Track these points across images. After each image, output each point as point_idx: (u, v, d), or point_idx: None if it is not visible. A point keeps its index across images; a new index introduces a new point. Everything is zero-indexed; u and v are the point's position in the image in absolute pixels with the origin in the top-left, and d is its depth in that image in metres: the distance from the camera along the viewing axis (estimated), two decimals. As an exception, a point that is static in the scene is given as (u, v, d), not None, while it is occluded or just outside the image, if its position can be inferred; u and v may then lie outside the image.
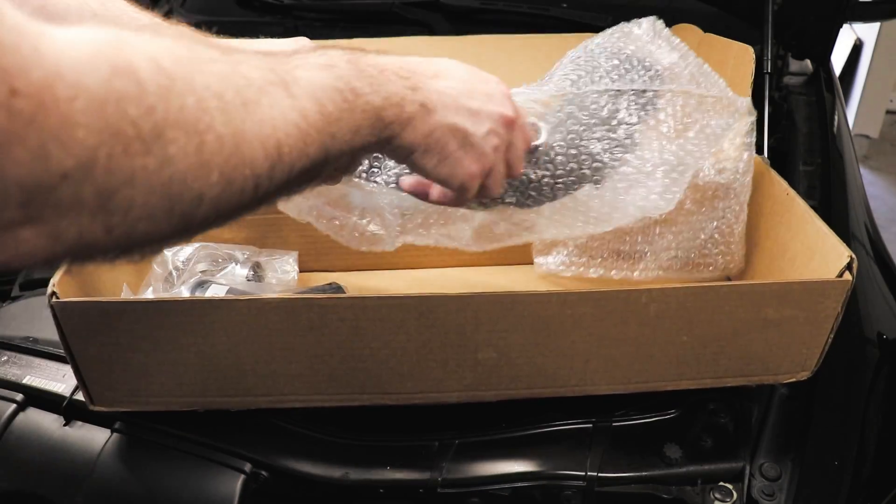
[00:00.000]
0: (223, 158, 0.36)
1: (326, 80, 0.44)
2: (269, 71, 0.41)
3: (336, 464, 0.67)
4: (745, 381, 0.70)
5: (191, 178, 0.35)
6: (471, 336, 0.63)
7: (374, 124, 0.48)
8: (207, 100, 0.36)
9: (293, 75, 0.42)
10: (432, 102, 0.51)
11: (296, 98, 0.41)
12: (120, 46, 0.33)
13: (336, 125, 0.44)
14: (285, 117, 0.40)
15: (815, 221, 0.74)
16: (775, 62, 1.17)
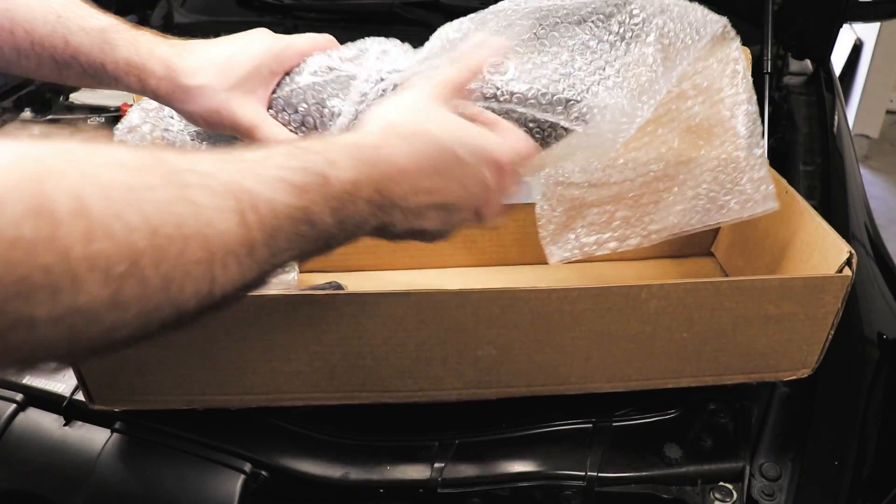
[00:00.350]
0: (144, 300, 0.34)
1: (290, 210, 0.40)
2: (226, 191, 0.37)
3: (336, 464, 0.67)
4: (746, 378, 0.70)
5: (102, 319, 0.33)
6: (471, 333, 0.63)
7: (323, 246, 0.44)
8: (136, 240, 0.32)
9: (254, 195, 0.38)
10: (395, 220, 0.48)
11: (248, 229, 0.38)
12: (41, 179, 0.30)
13: (283, 255, 0.41)
14: (227, 250, 0.37)
15: (815, 218, 0.74)
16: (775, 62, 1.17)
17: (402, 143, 0.47)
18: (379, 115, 0.50)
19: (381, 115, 0.50)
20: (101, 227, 0.31)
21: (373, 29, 1.30)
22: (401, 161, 0.47)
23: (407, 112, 0.50)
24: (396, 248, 0.96)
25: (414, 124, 0.49)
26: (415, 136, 0.48)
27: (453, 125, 0.51)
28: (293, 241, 0.41)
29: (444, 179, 0.49)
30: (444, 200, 0.50)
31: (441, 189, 0.49)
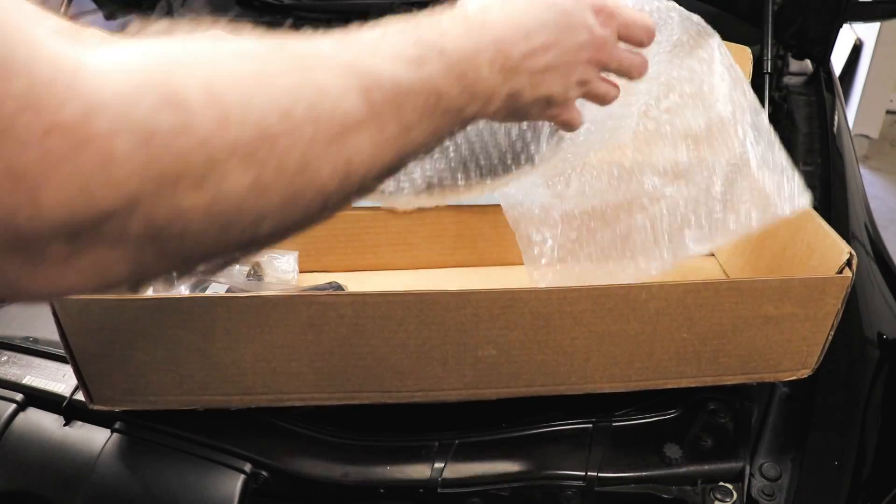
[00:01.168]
0: (286, 184, 0.34)
1: (412, 82, 0.40)
2: (348, 71, 0.37)
3: (336, 464, 0.67)
4: (746, 378, 0.70)
5: (248, 207, 0.33)
6: (471, 333, 0.63)
7: (455, 120, 0.44)
8: (271, 125, 0.33)
9: (375, 74, 0.38)
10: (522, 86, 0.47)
11: (374, 105, 0.38)
12: (169, 72, 0.31)
13: (415, 131, 0.41)
14: (357, 127, 0.37)
15: (815, 219, 0.74)
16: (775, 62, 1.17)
17: (504, 5, 0.47)
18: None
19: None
20: (235, 113, 0.32)
21: (373, 29, 1.30)
22: (510, 21, 0.46)
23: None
24: (397, 248, 0.96)
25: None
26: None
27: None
28: (422, 116, 0.41)
29: (554, 32, 0.48)
30: (559, 55, 0.48)
31: (554, 43, 0.48)
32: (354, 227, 0.94)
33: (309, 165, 0.35)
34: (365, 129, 0.37)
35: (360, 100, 0.37)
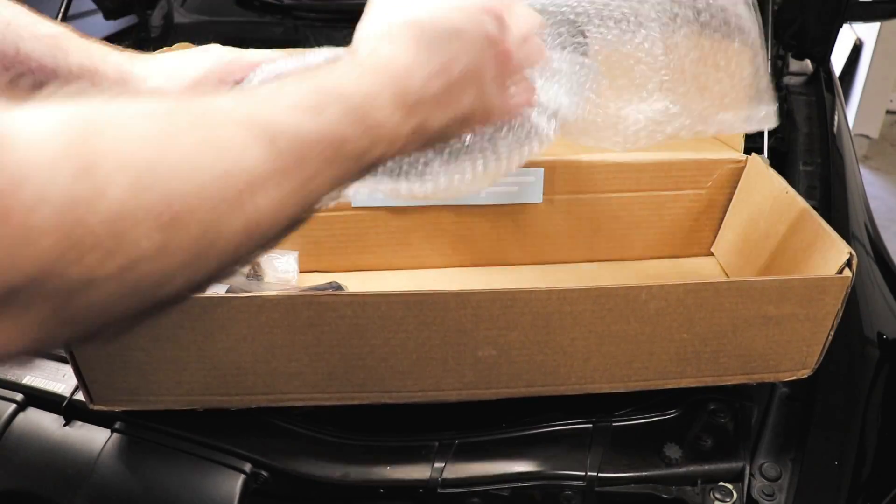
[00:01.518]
0: (194, 245, 0.34)
1: (312, 131, 0.40)
2: (249, 125, 0.37)
3: (336, 464, 0.67)
4: (746, 378, 0.70)
5: (157, 270, 0.33)
6: (470, 334, 0.63)
7: (360, 165, 0.43)
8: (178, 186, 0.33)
9: (276, 126, 0.38)
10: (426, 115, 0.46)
11: (276, 158, 0.37)
12: (85, 139, 0.31)
13: (318, 180, 0.40)
14: (260, 183, 0.37)
15: (815, 219, 0.74)
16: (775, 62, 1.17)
17: (393, 41, 0.46)
18: (357, 34, 0.49)
19: (359, 33, 0.48)
20: (145, 178, 0.32)
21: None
22: (403, 54, 0.45)
23: (381, 16, 0.48)
24: (397, 248, 0.96)
25: (393, 20, 0.47)
26: (399, 28, 0.47)
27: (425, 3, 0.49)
28: (325, 164, 0.40)
29: (450, 49, 0.47)
30: (461, 71, 0.47)
31: (452, 59, 0.47)
32: (354, 227, 0.94)
33: (216, 224, 0.35)
34: (269, 183, 0.37)
35: (262, 154, 0.37)
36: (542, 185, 0.93)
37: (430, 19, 0.47)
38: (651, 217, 0.97)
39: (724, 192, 0.96)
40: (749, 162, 0.93)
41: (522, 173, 0.92)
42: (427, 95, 0.46)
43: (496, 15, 0.49)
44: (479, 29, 0.48)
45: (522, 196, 0.93)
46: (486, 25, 0.48)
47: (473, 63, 0.48)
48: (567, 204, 0.95)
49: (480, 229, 0.96)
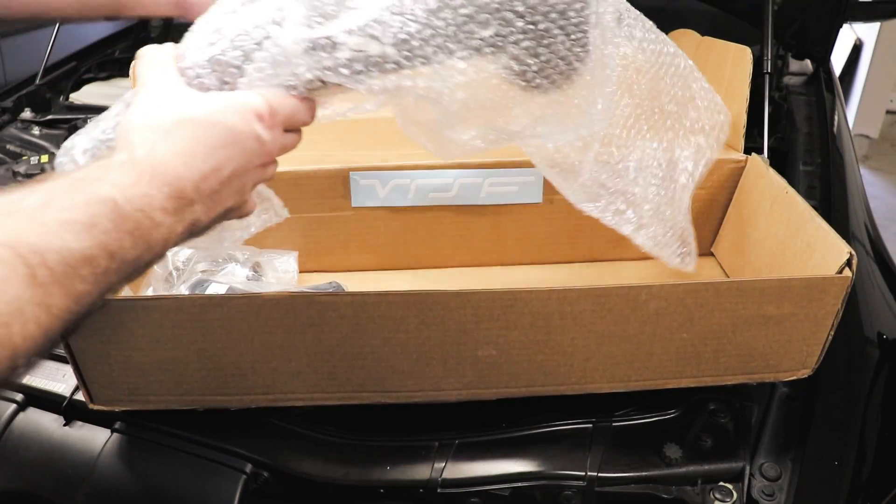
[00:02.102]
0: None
1: (83, 250, 0.39)
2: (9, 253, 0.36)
3: (336, 464, 0.67)
4: (746, 378, 0.70)
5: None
6: (471, 333, 0.63)
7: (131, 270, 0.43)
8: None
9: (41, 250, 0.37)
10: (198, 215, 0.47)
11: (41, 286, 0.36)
12: None
13: (87, 296, 0.40)
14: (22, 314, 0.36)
15: (815, 219, 0.74)
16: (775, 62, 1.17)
17: (169, 139, 0.46)
18: (133, 123, 0.48)
19: (136, 122, 0.48)
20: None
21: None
22: (179, 156, 0.46)
23: (154, 108, 0.48)
24: (397, 248, 0.96)
25: (169, 115, 0.48)
26: (176, 126, 0.47)
27: (202, 100, 0.50)
28: (95, 279, 0.40)
29: (221, 151, 0.48)
30: (231, 171, 0.49)
31: (225, 162, 0.48)
32: (354, 227, 0.94)
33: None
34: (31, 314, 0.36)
35: (23, 284, 0.36)
36: (542, 185, 0.93)
37: (207, 120, 0.48)
38: (651, 217, 0.97)
39: (724, 192, 0.96)
40: (749, 162, 0.93)
41: (522, 173, 0.92)
42: (200, 197, 0.47)
43: (266, 117, 0.50)
44: (251, 131, 0.49)
45: (522, 196, 0.93)
46: (257, 128, 0.50)
47: (242, 164, 0.49)
48: (567, 204, 0.95)
49: (480, 229, 0.96)
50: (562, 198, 0.94)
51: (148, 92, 0.50)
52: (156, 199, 0.44)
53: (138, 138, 0.46)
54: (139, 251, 0.43)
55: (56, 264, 0.37)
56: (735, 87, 0.95)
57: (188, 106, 0.49)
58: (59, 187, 0.41)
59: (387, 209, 0.93)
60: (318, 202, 0.92)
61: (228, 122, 0.49)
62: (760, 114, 1.02)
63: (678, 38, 1.16)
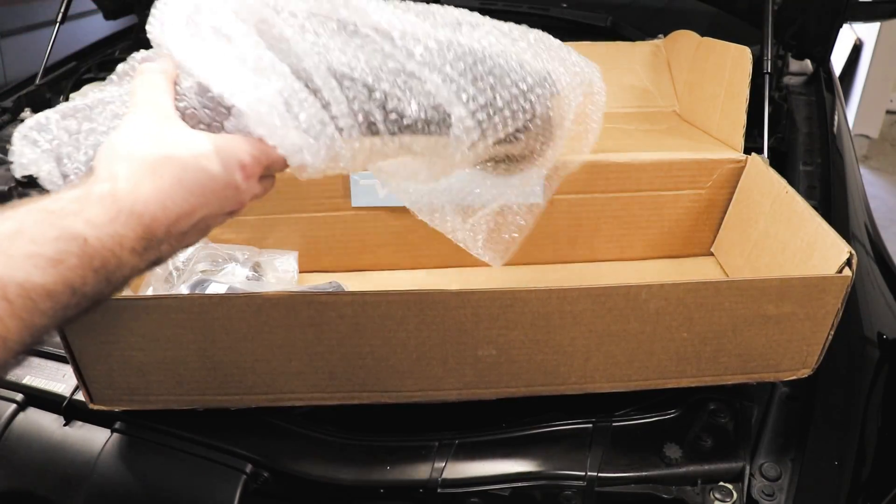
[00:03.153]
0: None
1: (46, 284, 0.39)
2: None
3: (336, 464, 0.67)
4: (746, 378, 0.70)
5: None
6: (470, 333, 0.63)
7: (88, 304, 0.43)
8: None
9: (4, 285, 0.37)
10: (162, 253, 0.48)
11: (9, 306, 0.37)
12: None
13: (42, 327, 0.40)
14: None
15: (815, 219, 0.74)
16: (775, 62, 1.17)
17: (153, 177, 0.46)
18: (118, 150, 0.47)
19: (121, 150, 0.47)
20: None
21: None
22: (158, 198, 0.45)
23: (144, 138, 0.48)
24: (397, 248, 0.96)
25: (156, 150, 0.47)
26: (162, 164, 0.46)
27: (191, 140, 0.49)
28: (54, 314, 0.40)
29: (200, 197, 0.48)
30: (202, 216, 0.49)
31: (199, 207, 0.48)
32: (354, 227, 0.94)
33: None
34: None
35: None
36: (542, 185, 0.93)
37: (192, 163, 0.47)
38: (651, 217, 0.97)
39: (724, 192, 0.96)
40: (749, 162, 0.93)
41: None
42: (168, 238, 0.47)
43: (248, 167, 0.50)
44: (231, 181, 0.49)
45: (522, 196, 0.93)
46: (237, 177, 0.50)
47: (215, 210, 0.50)
48: (567, 204, 0.95)
49: (480, 229, 0.96)
50: (562, 198, 0.94)
51: (139, 118, 0.49)
52: (127, 238, 0.44)
53: (123, 171, 0.45)
54: (101, 286, 0.43)
55: (15, 299, 0.37)
56: (735, 87, 0.95)
57: (176, 143, 0.48)
58: (31, 218, 0.40)
59: (387, 209, 0.93)
60: (318, 202, 0.92)
61: (212, 169, 0.48)
62: (760, 114, 1.02)
63: (678, 39, 1.16)
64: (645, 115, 1.11)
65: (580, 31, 1.29)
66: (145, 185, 0.45)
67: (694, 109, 1.08)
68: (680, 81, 1.13)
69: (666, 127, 1.07)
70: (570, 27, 1.29)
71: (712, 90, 1.02)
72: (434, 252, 0.97)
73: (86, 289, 0.41)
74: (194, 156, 0.48)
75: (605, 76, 1.19)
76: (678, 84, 1.14)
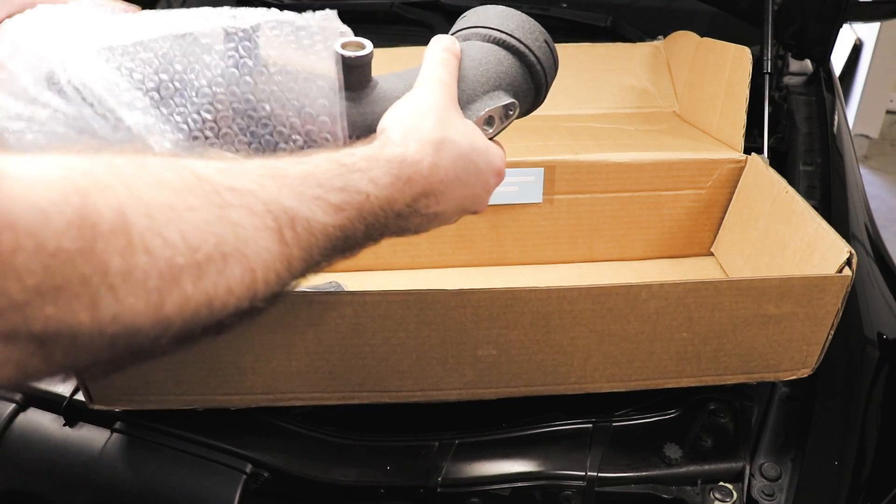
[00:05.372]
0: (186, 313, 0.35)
1: (326, 226, 0.42)
2: (265, 211, 0.39)
3: (336, 464, 0.67)
4: (746, 378, 0.70)
5: (143, 328, 0.34)
6: (470, 333, 0.63)
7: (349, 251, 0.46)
8: (175, 258, 0.34)
9: (293, 215, 0.40)
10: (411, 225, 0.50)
11: (286, 245, 0.40)
12: (86, 192, 0.32)
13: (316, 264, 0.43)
14: (266, 266, 0.39)
15: (815, 219, 0.74)
16: (775, 62, 1.17)
17: (434, 153, 0.49)
18: (411, 120, 0.50)
19: (412, 121, 0.50)
20: (141, 243, 0.33)
21: (373, 29, 1.30)
22: (434, 174, 0.48)
23: (432, 117, 0.51)
24: (396, 249, 0.96)
25: (440, 131, 0.50)
26: (443, 144, 0.49)
27: (469, 133, 0.52)
28: (326, 253, 0.43)
29: (462, 187, 0.51)
30: (456, 205, 0.52)
31: (458, 196, 0.51)
32: (354, 227, 0.93)
33: (214, 299, 0.36)
34: (273, 268, 0.39)
35: (272, 239, 0.39)
36: (542, 185, 0.93)
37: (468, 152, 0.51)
38: (651, 217, 0.97)
39: (724, 192, 0.96)
40: (749, 162, 0.93)
41: (522, 173, 0.92)
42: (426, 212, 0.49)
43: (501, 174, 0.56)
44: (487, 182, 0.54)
45: (522, 196, 0.93)
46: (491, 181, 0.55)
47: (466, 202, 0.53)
48: (567, 204, 0.95)
49: (480, 229, 0.96)
50: (562, 198, 0.95)
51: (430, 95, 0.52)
52: (397, 203, 0.46)
53: (413, 141, 0.48)
54: (363, 238, 0.46)
55: (301, 231, 0.40)
56: (735, 87, 0.95)
57: (457, 130, 0.51)
58: (324, 167, 0.44)
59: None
60: (318, 202, 0.92)
61: (480, 165, 0.52)
62: (760, 114, 1.02)
63: (677, 39, 1.16)
64: (645, 115, 1.11)
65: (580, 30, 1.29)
66: (427, 159, 0.48)
67: (694, 110, 1.08)
68: (680, 82, 1.13)
69: (666, 127, 1.07)
70: (570, 27, 1.29)
71: (712, 90, 1.02)
72: (434, 252, 0.97)
73: (355, 238, 0.44)
74: (471, 147, 0.51)
75: (604, 77, 1.20)
76: (678, 84, 1.14)
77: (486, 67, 0.57)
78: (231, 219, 0.37)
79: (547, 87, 0.62)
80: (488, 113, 0.57)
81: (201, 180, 0.37)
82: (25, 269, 0.29)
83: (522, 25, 0.59)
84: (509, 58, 0.58)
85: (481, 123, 0.57)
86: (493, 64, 0.58)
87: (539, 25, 0.60)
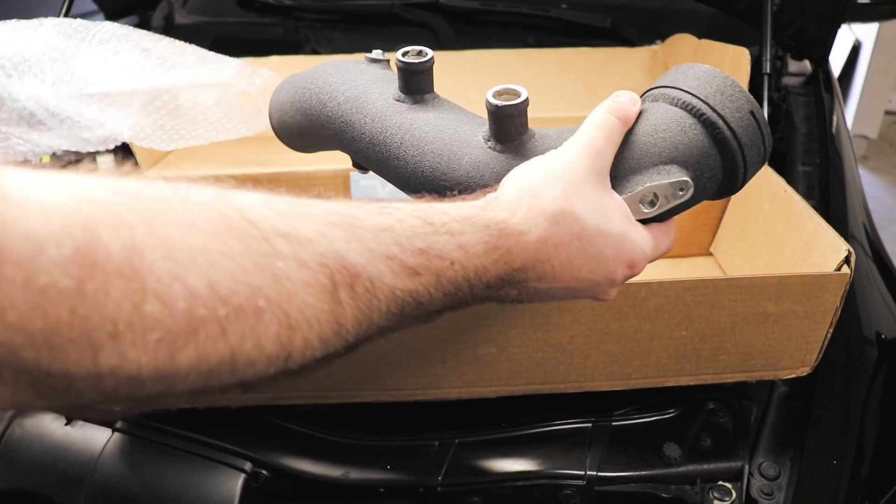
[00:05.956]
0: (204, 368, 0.30)
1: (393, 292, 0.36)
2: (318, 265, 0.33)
3: (336, 463, 0.67)
4: (745, 376, 0.70)
5: (148, 386, 0.29)
6: (470, 331, 0.63)
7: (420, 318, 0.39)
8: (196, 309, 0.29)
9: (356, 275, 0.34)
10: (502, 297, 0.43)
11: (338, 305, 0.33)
12: (97, 227, 0.27)
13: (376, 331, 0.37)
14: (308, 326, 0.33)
15: (813, 217, 0.74)
16: (774, 63, 1.18)
17: (548, 227, 0.41)
18: (526, 181, 0.43)
19: (529, 183, 0.43)
20: (156, 288, 0.28)
21: (373, 29, 1.31)
22: (542, 251, 0.41)
23: (559, 184, 0.43)
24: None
25: (563, 202, 0.42)
26: (563, 217, 0.42)
27: (604, 212, 0.44)
28: (391, 319, 0.37)
29: (576, 270, 0.43)
30: (565, 288, 0.44)
31: (569, 279, 0.43)
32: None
33: (238, 357, 0.31)
34: (318, 329, 0.33)
35: (321, 298, 0.33)
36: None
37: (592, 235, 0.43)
38: (650, 217, 0.97)
39: (723, 192, 0.96)
40: (748, 162, 0.93)
41: None
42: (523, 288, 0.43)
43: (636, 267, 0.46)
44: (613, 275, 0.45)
45: None
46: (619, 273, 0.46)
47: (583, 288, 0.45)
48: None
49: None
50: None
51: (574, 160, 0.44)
52: (489, 276, 0.40)
53: (524, 206, 0.41)
54: (439, 306, 0.39)
55: (361, 293, 0.34)
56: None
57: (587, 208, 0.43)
58: (407, 223, 0.37)
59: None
60: (318, 202, 0.92)
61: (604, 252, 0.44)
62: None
63: (676, 42, 1.17)
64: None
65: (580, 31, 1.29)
66: (536, 231, 0.41)
67: (693, 110, 1.08)
68: (679, 82, 1.14)
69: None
70: (570, 28, 1.30)
71: (711, 91, 1.02)
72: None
73: (430, 305, 0.38)
74: (598, 229, 0.43)
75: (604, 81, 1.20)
76: (677, 85, 1.14)
77: (664, 136, 0.47)
78: (275, 270, 0.31)
79: (745, 169, 0.51)
80: (650, 189, 0.46)
81: (249, 223, 0.32)
82: (8, 303, 0.25)
83: (723, 91, 0.47)
84: (696, 127, 0.47)
85: (636, 201, 0.46)
86: (672, 132, 0.47)
87: (748, 95, 0.48)
